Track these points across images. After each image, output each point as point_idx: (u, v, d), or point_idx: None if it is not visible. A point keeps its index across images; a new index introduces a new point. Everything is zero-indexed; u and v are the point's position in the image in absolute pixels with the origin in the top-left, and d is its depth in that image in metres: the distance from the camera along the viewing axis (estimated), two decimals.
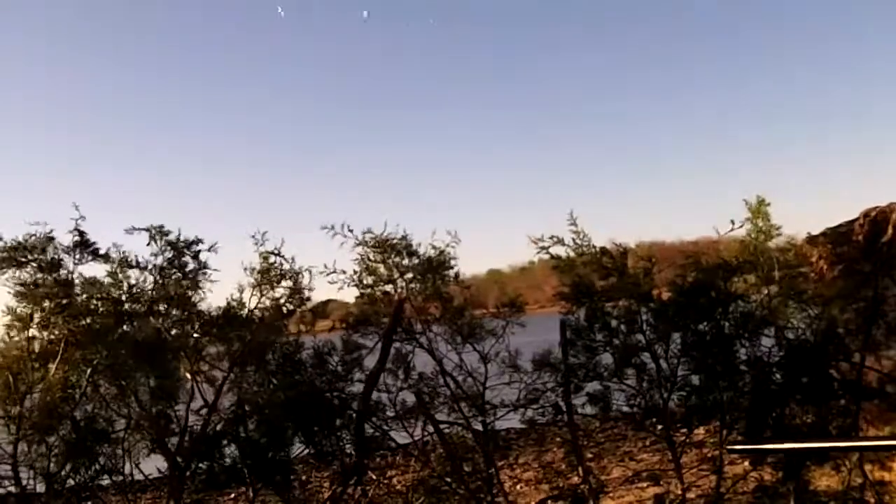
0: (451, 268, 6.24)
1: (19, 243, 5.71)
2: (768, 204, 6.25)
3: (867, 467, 6.08)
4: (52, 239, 5.80)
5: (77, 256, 5.88)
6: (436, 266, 6.21)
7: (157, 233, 5.94)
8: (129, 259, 5.95)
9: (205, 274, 6.10)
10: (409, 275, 6.26)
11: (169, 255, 6.01)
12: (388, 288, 6.31)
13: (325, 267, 6.11)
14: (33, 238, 5.74)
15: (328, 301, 6.72)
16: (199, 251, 6.09)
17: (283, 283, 6.18)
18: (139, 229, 5.91)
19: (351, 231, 6.11)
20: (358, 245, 6.16)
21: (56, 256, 5.81)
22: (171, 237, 6.00)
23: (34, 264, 5.77)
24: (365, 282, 6.27)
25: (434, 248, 6.20)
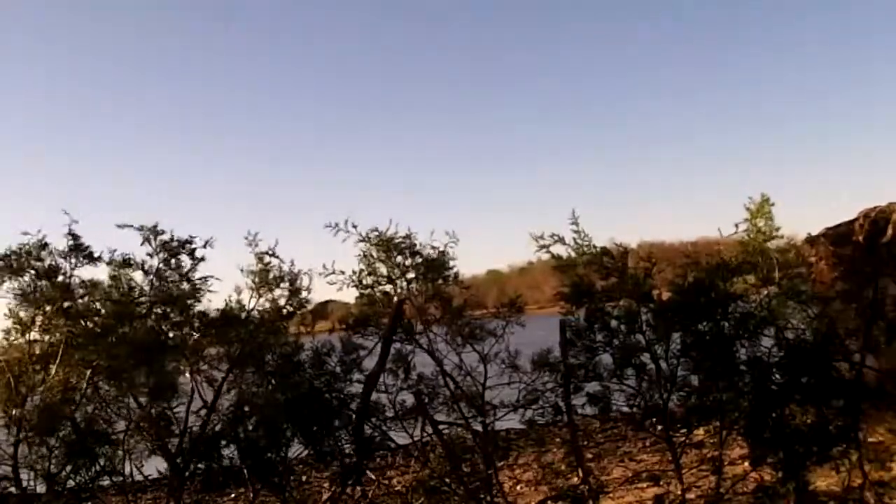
0: (451, 268, 6.24)
1: (14, 252, 5.72)
2: (773, 204, 6.26)
3: (867, 467, 6.08)
4: (45, 245, 5.82)
5: (73, 261, 5.89)
6: (436, 266, 6.20)
7: (150, 233, 5.93)
8: (127, 260, 5.94)
9: (203, 277, 6.10)
10: (410, 274, 6.26)
11: (163, 255, 6.01)
12: (388, 288, 6.31)
13: (325, 268, 6.11)
14: (27, 246, 5.75)
15: (327, 302, 6.71)
16: (195, 249, 6.08)
17: (282, 285, 6.19)
18: (129, 225, 5.88)
19: (355, 227, 6.12)
20: (361, 241, 6.16)
21: (53, 262, 5.82)
22: (165, 237, 6.00)
23: (31, 272, 5.78)
24: (364, 282, 6.27)
25: (433, 247, 6.21)
